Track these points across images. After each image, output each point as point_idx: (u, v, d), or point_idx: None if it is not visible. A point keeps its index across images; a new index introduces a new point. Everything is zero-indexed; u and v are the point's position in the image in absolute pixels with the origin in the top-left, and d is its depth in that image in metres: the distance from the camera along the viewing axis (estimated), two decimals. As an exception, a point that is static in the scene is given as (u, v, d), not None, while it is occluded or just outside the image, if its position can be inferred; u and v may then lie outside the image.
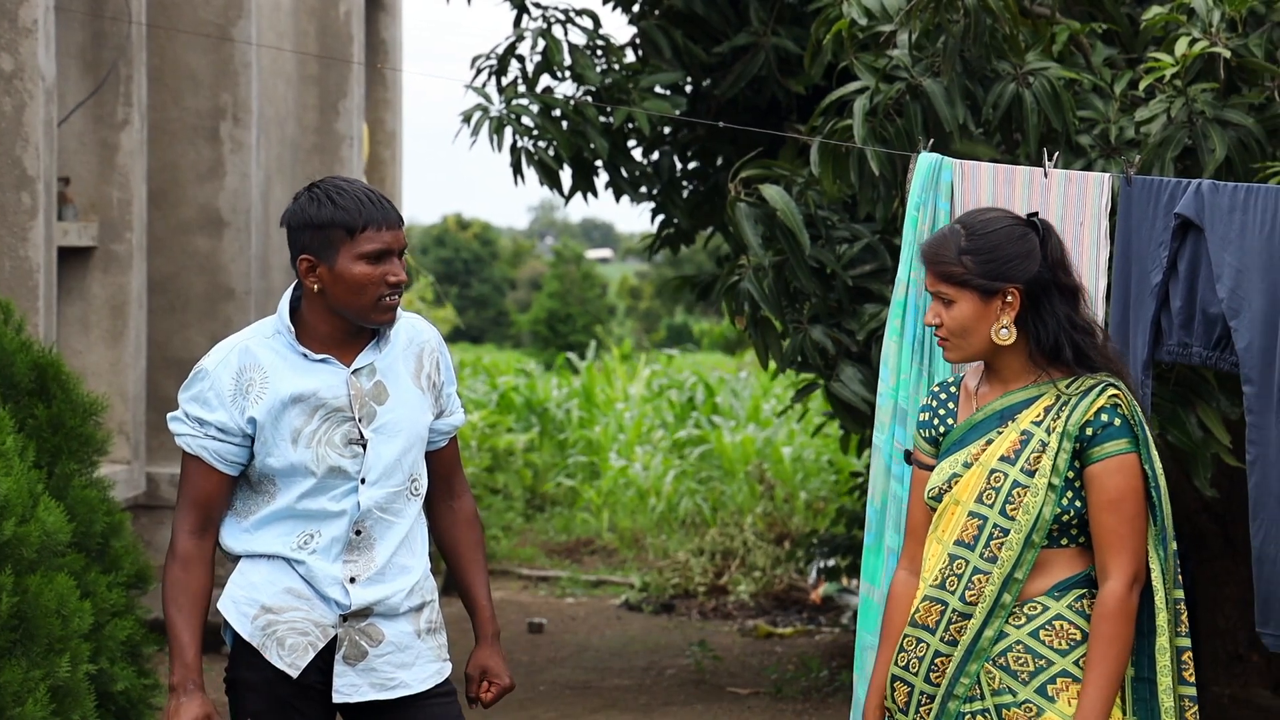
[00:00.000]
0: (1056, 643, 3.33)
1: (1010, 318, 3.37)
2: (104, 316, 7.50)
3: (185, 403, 3.50)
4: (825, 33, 5.40)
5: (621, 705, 7.38)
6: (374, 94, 10.99)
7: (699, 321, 29.18)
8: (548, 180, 6.91)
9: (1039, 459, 3.34)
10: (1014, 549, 3.33)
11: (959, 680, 3.36)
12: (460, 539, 3.73)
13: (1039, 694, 3.31)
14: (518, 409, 15.14)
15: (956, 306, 3.38)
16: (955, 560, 3.38)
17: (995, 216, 3.44)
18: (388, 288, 3.44)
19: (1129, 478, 3.32)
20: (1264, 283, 3.96)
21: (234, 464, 3.51)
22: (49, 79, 6.53)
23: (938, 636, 3.38)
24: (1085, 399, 3.34)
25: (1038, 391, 3.40)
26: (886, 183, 5.13)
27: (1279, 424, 3.94)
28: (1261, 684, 6.37)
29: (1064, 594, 3.35)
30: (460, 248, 40.13)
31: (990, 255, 3.36)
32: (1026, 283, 3.36)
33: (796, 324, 5.86)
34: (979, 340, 3.40)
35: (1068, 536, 3.36)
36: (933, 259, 3.41)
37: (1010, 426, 3.39)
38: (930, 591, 3.41)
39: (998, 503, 3.35)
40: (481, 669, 3.68)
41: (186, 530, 3.51)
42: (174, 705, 3.44)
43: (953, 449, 3.46)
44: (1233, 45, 4.73)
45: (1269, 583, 3.96)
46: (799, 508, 11.78)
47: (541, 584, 10.74)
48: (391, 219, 3.45)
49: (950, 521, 3.41)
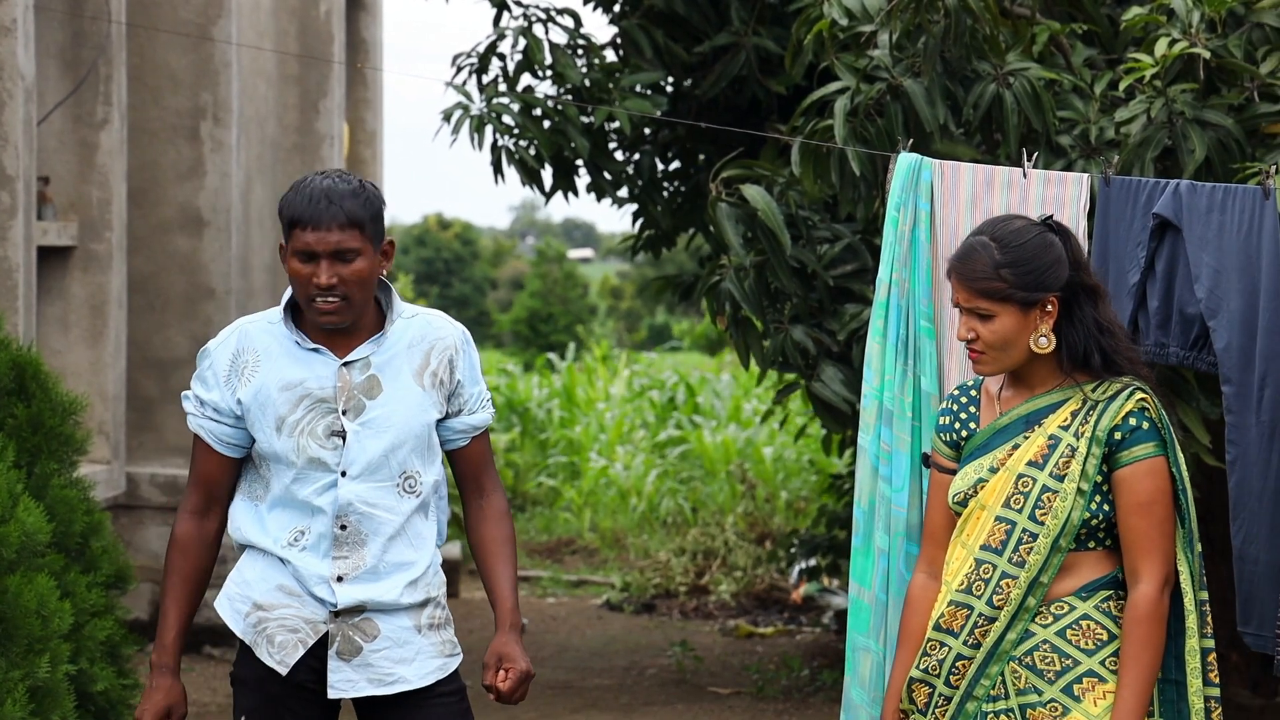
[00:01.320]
0: (1084, 642, 3.34)
1: (1049, 326, 3.37)
2: (84, 316, 7.47)
3: (192, 382, 3.56)
4: (806, 33, 5.41)
5: (602, 705, 7.38)
6: (354, 93, 10.97)
7: (680, 322, 29.17)
8: (528, 179, 6.91)
9: (1068, 464, 3.34)
10: (1042, 554, 3.33)
11: (979, 682, 3.37)
12: (487, 534, 3.65)
13: (1065, 693, 3.32)
14: (499, 409, 15.13)
15: (997, 320, 3.36)
16: (982, 565, 3.38)
17: (1023, 226, 3.41)
18: (316, 289, 3.42)
19: (1159, 481, 3.32)
20: (1241, 283, 3.97)
21: (232, 445, 3.52)
22: (28, 78, 6.51)
23: (961, 640, 3.39)
24: (1114, 403, 3.34)
25: (1063, 396, 3.40)
26: (867, 183, 5.14)
27: (1258, 423, 3.95)
28: (1240, 683, 6.39)
29: (1091, 595, 3.36)
30: (441, 247, 40.07)
31: (1028, 266, 3.35)
32: (1061, 289, 3.36)
33: (777, 324, 5.87)
34: (1018, 352, 3.38)
35: (1095, 540, 3.36)
36: (969, 276, 3.37)
37: (1037, 431, 3.39)
38: (956, 596, 3.41)
39: (1026, 508, 3.35)
40: (498, 655, 3.54)
41: (189, 510, 3.55)
42: (149, 687, 3.54)
43: (977, 453, 3.45)
44: (1212, 46, 4.75)
45: (1250, 582, 3.97)
46: (780, 507, 11.79)
47: (523, 584, 10.73)
48: (323, 220, 3.39)
49: (976, 526, 3.41)
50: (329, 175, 3.47)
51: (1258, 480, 3.96)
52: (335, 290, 3.42)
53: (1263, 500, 3.93)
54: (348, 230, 3.40)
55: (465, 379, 3.59)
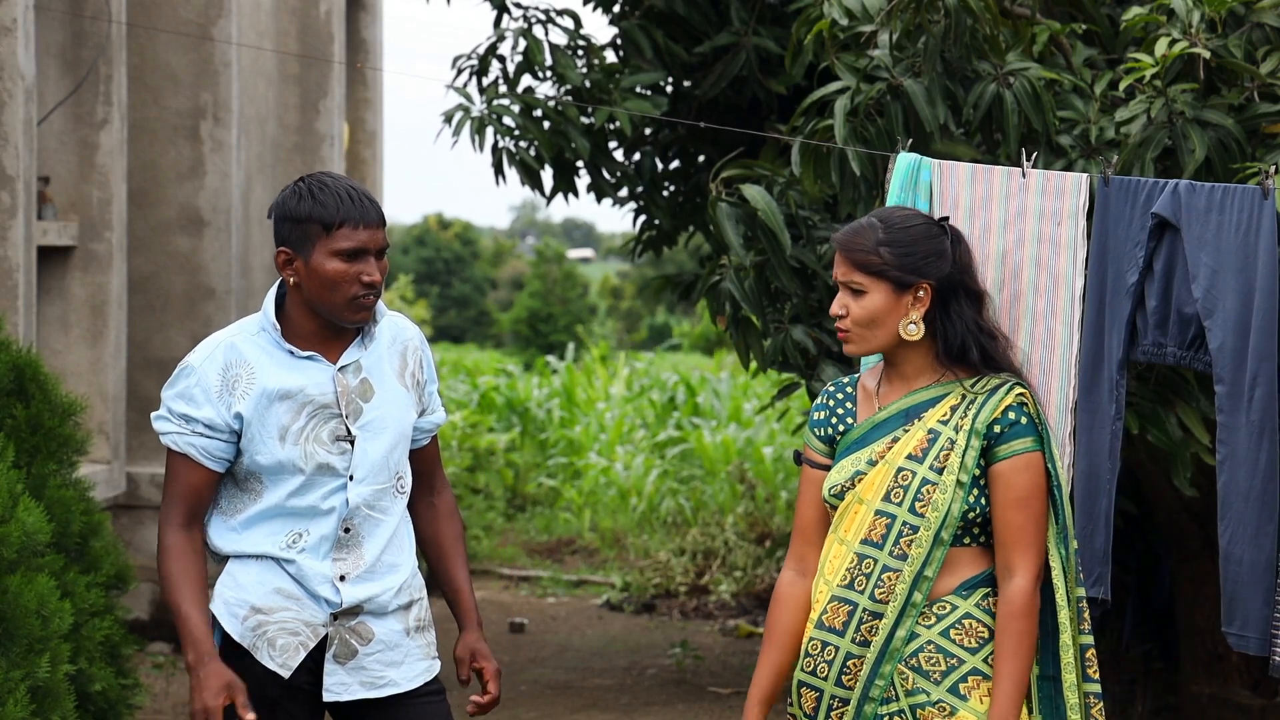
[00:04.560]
0: (966, 641, 3.35)
1: (920, 313, 3.39)
2: (84, 316, 7.48)
3: (171, 400, 3.49)
4: (806, 33, 5.41)
5: (603, 705, 7.38)
6: (354, 93, 10.98)
7: (680, 322, 29.19)
8: (529, 181, 6.91)
9: (948, 456, 3.35)
10: (924, 546, 3.34)
11: (874, 682, 3.35)
12: (440, 531, 3.74)
13: (951, 693, 3.32)
14: (499, 409, 15.13)
15: (868, 297, 3.39)
16: (864, 560, 3.38)
17: (911, 214, 3.47)
18: (361, 287, 3.44)
19: (1035, 475, 3.34)
20: (1238, 283, 3.97)
21: (221, 460, 3.50)
22: (28, 78, 6.52)
23: (848, 638, 3.37)
24: (993, 397, 3.36)
25: (943, 390, 3.41)
26: (868, 183, 5.14)
27: (1249, 424, 3.95)
28: (1241, 683, 6.39)
29: (971, 592, 3.37)
30: (441, 247, 40.10)
31: (908, 249, 3.38)
32: (938, 280, 3.39)
33: (778, 324, 5.87)
34: (885, 334, 3.40)
35: (970, 535, 3.37)
36: (848, 247, 3.42)
37: (916, 425, 3.40)
38: (837, 592, 3.40)
39: (906, 500, 3.36)
40: (471, 651, 3.66)
41: (175, 525, 3.50)
42: (196, 682, 3.38)
43: (854, 447, 3.46)
44: (1212, 46, 4.74)
45: (1235, 582, 3.97)
46: (780, 507, 11.79)
47: (523, 584, 10.73)
48: (370, 217, 3.44)
49: (854, 520, 3.41)
50: (332, 176, 3.50)
51: (1245, 480, 3.96)
52: (377, 287, 3.46)
53: (1249, 500, 3.94)
54: (383, 226, 3.49)
55: (428, 377, 3.66)
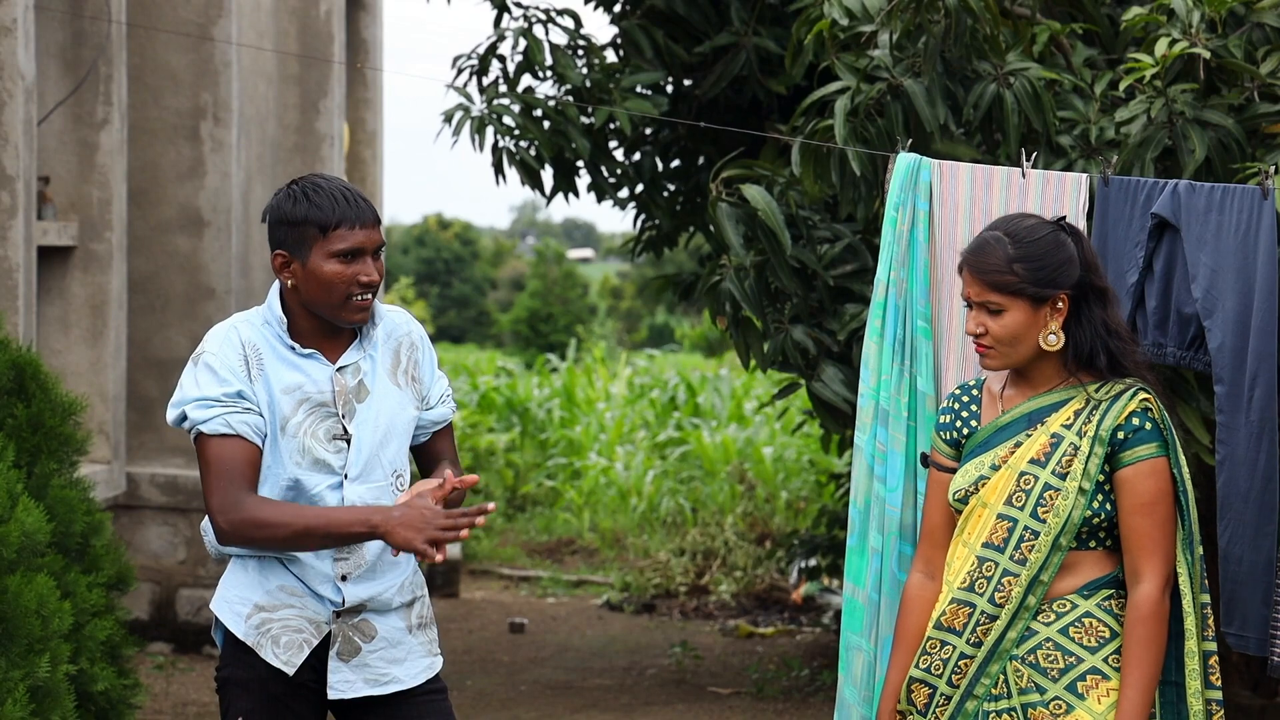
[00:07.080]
0: (1086, 640, 3.35)
1: (1059, 323, 3.39)
2: (84, 316, 7.48)
3: (203, 388, 3.42)
4: (806, 33, 5.41)
5: (603, 705, 7.38)
6: (354, 93, 10.97)
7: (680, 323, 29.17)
8: (529, 180, 6.91)
9: (1070, 462, 3.35)
10: (1042, 551, 3.34)
11: (979, 680, 3.37)
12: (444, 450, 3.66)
13: (1069, 691, 3.33)
14: (499, 409, 15.13)
15: (1007, 315, 3.38)
16: (984, 563, 3.39)
17: (1036, 224, 3.43)
18: (359, 287, 3.45)
19: (1161, 481, 3.34)
20: (1237, 283, 3.97)
21: (262, 437, 3.44)
22: (28, 78, 6.51)
23: (964, 639, 3.40)
24: (1117, 403, 3.36)
25: (1067, 395, 3.41)
26: (868, 183, 5.14)
27: (1248, 424, 3.95)
28: (1241, 683, 6.39)
29: (1093, 593, 3.37)
30: (441, 247, 40.08)
31: (1040, 262, 3.37)
32: (1072, 288, 3.37)
33: (778, 324, 5.87)
34: (1026, 348, 3.40)
35: (1095, 539, 3.37)
36: (980, 268, 3.39)
37: (1039, 430, 3.40)
38: (958, 594, 3.42)
39: (1028, 505, 3.36)
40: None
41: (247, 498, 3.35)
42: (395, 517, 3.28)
43: (978, 451, 3.46)
44: (1212, 46, 4.74)
45: (1234, 582, 3.97)
46: (780, 507, 11.79)
47: (523, 584, 10.73)
48: (366, 217, 3.45)
49: (978, 524, 3.42)
50: (325, 178, 3.51)
51: (1244, 480, 3.96)
52: (375, 287, 3.47)
53: (1248, 500, 3.94)
54: (379, 226, 3.49)
55: (427, 375, 3.65)
